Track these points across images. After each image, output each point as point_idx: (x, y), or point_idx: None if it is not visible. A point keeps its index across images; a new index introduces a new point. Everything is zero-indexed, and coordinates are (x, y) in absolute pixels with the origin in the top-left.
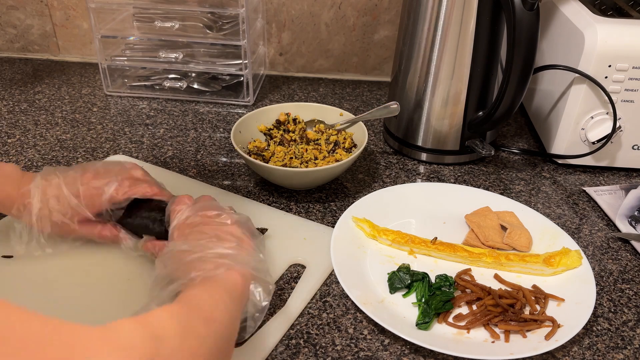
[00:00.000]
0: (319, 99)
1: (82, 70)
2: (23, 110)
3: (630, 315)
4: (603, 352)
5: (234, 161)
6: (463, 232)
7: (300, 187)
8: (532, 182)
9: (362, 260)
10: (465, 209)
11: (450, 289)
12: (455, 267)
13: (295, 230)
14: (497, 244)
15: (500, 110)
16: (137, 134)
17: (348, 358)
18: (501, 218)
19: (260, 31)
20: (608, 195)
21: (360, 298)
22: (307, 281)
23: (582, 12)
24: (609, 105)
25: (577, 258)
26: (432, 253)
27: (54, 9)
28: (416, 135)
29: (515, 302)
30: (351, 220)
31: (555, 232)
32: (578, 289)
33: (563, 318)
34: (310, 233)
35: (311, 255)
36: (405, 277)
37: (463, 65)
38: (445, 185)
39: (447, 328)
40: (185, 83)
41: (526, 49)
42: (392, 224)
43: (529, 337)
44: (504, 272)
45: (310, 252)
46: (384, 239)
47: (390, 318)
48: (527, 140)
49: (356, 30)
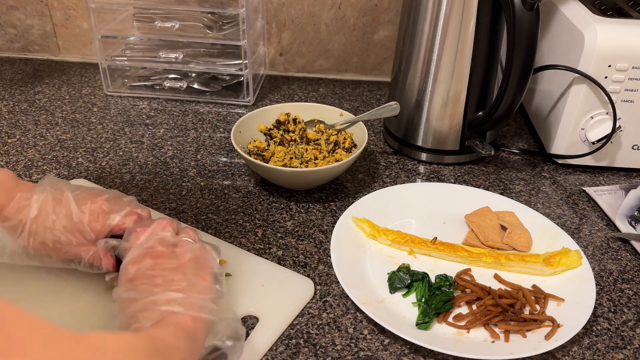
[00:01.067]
0: (319, 99)
1: (82, 70)
2: (23, 110)
3: (630, 315)
4: (603, 352)
5: (234, 161)
6: (463, 232)
7: (300, 187)
8: (532, 182)
9: (362, 260)
10: (465, 209)
11: (450, 288)
12: (455, 267)
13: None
14: (497, 244)
15: (500, 110)
16: (137, 134)
17: (348, 358)
18: (501, 218)
19: (260, 31)
20: (608, 195)
21: (360, 298)
22: (260, 334)
23: (582, 12)
24: (608, 105)
25: (577, 258)
26: (432, 253)
27: (54, 9)
28: (416, 135)
29: (515, 302)
30: (351, 220)
31: (555, 232)
32: (578, 289)
33: (563, 318)
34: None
35: (266, 305)
36: (405, 277)
37: (463, 65)
38: (445, 185)
39: (447, 328)
40: (186, 83)
41: (526, 49)
42: (392, 224)
43: (529, 337)
44: (503, 272)
45: (266, 302)
46: (384, 239)
47: (390, 318)
48: (527, 140)
49: (356, 30)
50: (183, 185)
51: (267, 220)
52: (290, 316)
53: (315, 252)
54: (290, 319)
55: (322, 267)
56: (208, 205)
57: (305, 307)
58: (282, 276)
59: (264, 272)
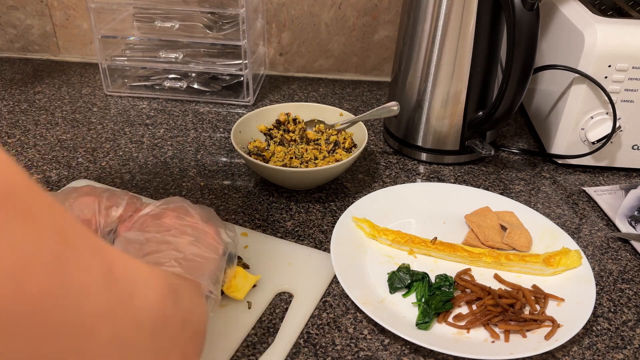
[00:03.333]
0: (319, 99)
1: (82, 70)
2: (23, 110)
3: (630, 315)
4: (603, 352)
5: (234, 161)
6: (463, 232)
7: (300, 187)
8: (532, 182)
9: (362, 260)
10: (465, 209)
11: (450, 288)
12: (455, 267)
13: (279, 254)
14: (497, 244)
15: (500, 110)
16: (137, 134)
17: (348, 358)
18: (501, 218)
19: (260, 31)
20: (608, 195)
21: (360, 298)
22: (297, 309)
23: (582, 12)
24: (608, 105)
25: (577, 258)
26: (432, 253)
27: (54, 9)
28: (416, 135)
29: (515, 302)
30: (351, 220)
31: (555, 232)
32: (578, 289)
33: (563, 318)
34: (295, 257)
35: (299, 282)
36: (405, 277)
37: (463, 65)
38: (445, 185)
39: (447, 328)
40: (185, 83)
41: (526, 49)
42: (392, 224)
43: (529, 337)
44: (503, 272)
45: (298, 279)
46: (384, 239)
47: (390, 318)
48: (527, 140)
49: (356, 30)
50: (183, 185)
51: (267, 220)
52: (321, 290)
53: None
54: (321, 292)
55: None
56: (208, 205)
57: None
58: (306, 254)
59: (288, 251)
